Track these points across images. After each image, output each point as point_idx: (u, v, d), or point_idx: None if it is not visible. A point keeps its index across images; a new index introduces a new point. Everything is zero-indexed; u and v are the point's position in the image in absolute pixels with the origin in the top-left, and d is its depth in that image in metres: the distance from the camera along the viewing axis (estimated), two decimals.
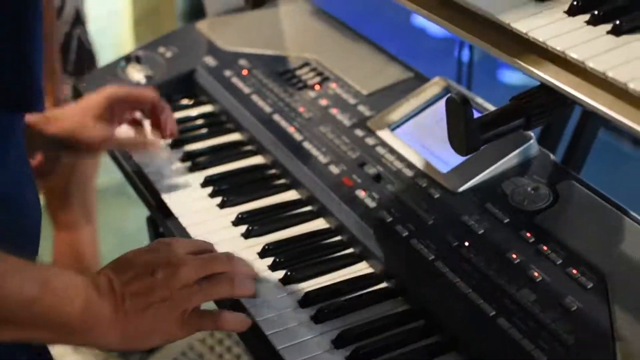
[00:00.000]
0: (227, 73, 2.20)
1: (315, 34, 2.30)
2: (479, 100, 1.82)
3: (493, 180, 1.66)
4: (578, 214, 1.57)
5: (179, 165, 1.95)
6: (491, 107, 1.77)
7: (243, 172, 1.93)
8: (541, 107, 1.31)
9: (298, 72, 2.13)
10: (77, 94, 2.25)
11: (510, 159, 1.67)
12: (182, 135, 2.02)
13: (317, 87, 2.05)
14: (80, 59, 3.06)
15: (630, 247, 1.48)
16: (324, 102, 1.99)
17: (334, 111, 1.95)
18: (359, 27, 2.28)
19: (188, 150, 1.98)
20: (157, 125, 1.92)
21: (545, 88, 1.28)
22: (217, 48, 2.30)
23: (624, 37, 1.24)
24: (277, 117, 1.99)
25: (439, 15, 1.43)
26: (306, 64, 2.15)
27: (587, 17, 1.29)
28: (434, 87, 1.91)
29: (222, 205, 1.81)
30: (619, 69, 1.17)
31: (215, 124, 2.11)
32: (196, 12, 2.57)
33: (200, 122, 2.12)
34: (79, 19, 3.07)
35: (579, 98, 1.22)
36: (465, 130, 1.24)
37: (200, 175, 1.90)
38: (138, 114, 1.96)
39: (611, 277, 1.42)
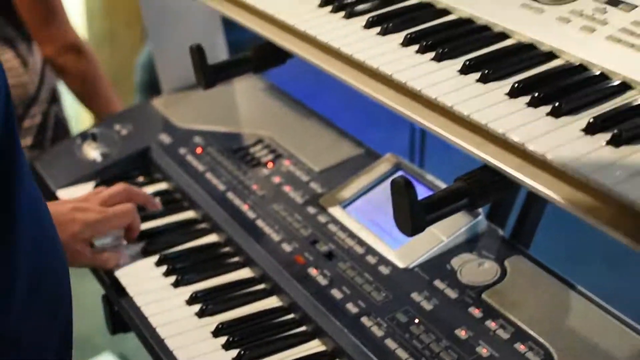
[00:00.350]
0: (182, 151, 2.22)
1: (268, 110, 2.33)
2: (429, 177, 1.85)
3: (442, 256, 1.69)
4: (526, 289, 1.60)
5: (133, 244, 1.96)
6: (442, 184, 1.81)
7: (197, 250, 1.94)
8: (485, 187, 1.33)
9: (252, 150, 2.15)
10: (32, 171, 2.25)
11: (458, 236, 1.71)
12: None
13: (270, 164, 2.08)
14: (56, 135, 3.08)
15: (577, 322, 1.51)
16: (277, 179, 2.02)
17: (286, 189, 1.98)
18: (313, 101, 2.31)
19: (143, 229, 1.99)
20: None
21: (488, 169, 1.32)
22: (172, 125, 2.33)
23: (563, 119, 1.28)
24: (230, 195, 2.01)
25: (383, 94, 1.47)
26: (260, 141, 2.18)
27: (528, 98, 1.33)
28: (384, 164, 1.94)
29: (176, 284, 1.83)
30: (558, 151, 1.21)
31: (170, 201, 2.12)
32: (154, 84, 2.59)
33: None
34: (54, 97, 3.10)
35: (519, 179, 1.25)
36: (410, 212, 1.27)
37: (155, 254, 1.92)
38: None
39: (559, 352, 1.44)
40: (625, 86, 1.35)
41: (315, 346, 1.65)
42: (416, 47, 1.51)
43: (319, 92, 1.60)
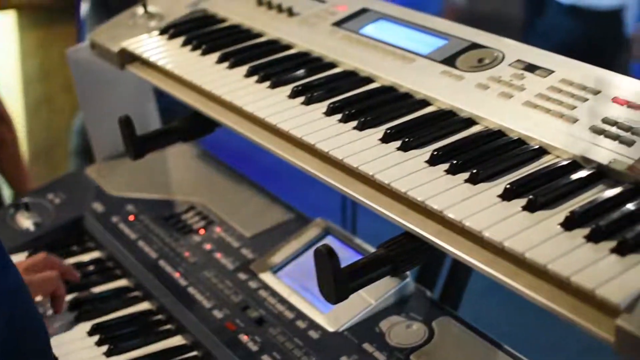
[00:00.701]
0: (115, 219, 2.23)
1: (200, 177, 2.35)
2: (358, 241, 1.88)
3: (371, 319, 1.71)
4: (453, 350, 1.62)
5: (66, 312, 1.95)
6: (370, 248, 1.83)
7: (130, 318, 1.94)
8: (407, 253, 1.36)
9: (184, 217, 2.17)
10: None
11: (387, 298, 1.73)
12: (71, 283, 2.03)
13: (201, 231, 2.09)
14: None
15: None
16: (208, 246, 2.04)
17: (218, 255, 1.99)
18: (249, 162, 2.34)
19: (76, 298, 1.99)
20: None
21: (409, 235, 1.34)
22: (105, 193, 2.33)
23: (481, 185, 1.31)
24: (162, 263, 2.02)
25: (307, 163, 1.50)
26: (192, 208, 2.20)
27: (447, 165, 1.36)
28: (314, 228, 1.97)
29: (109, 353, 1.82)
30: (476, 218, 1.24)
31: (103, 270, 2.13)
32: (89, 149, 2.60)
33: (88, 268, 2.14)
34: None
35: (439, 245, 1.28)
36: (334, 281, 1.29)
37: (87, 323, 1.91)
38: None
39: None
40: (542, 151, 1.39)
41: None
42: (339, 116, 1.55)
43: (255, 153, 1.62)
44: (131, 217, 2.22)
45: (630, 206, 1.21)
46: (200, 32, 2.05)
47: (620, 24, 5.26)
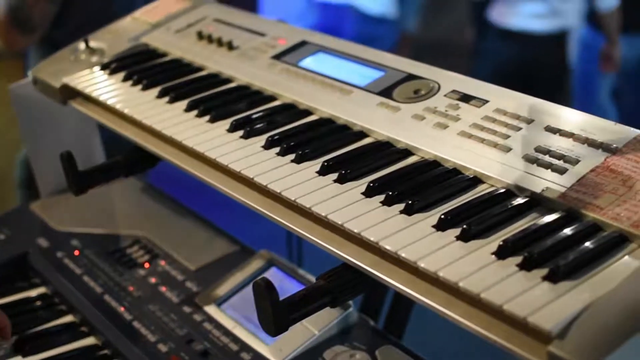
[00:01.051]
0: (60, 254, 2.22)
1: (145, 210, 2.35)
2: (301, 272, 1.89)
3: (315, 349, 1.72)
4: None
5: (12, 349, 1.94)
6: (314, 279, 1.84)
7: (76, 354, 1.93)
8: (346, 284, 1.38)
9: (128, 251, 2.17)
10: None
11: (330, 328, 1.74)
12: (17, 319, 2.03)
13: (146, 264, 2.10)
14: None
15: None
16: (153, 280, 2.04)
17: (162, 289, 2.00)
18: (195, 194, 2.34)
19: (21, 335, 1.98)
20: None
21: (347, 266, 1.36)
22: (50, 229, 2.33)
23: (416, 216, 1.33)
24: (107, 298, 2.02)
25: (246, 197, 1.52)
26: (136, 242, 2.20)
27: (382, 197, 1.38)
28: (258, 260, 1.98)
29: None
30: (411, 248, 1.26)
31: (49, 306, 2.12)
32: (34, 181, 2.59)
33: (34, 304, 2.13)
34: None
35: (377, 275, 1.30)
36: (273, 313, 1.30)
37: (33, 358, 1.91)
38: None
39: None
40: (476, 180, 1.42)
41: None
42: (277, 149, 1.57)
43: (201, 185, 1.63)
44: (76, 252, 2.21)
45: (562, 234, 1.24)
46: (141, 66, 2.07)
47: (560, 49, 5.34)
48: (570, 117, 1.48)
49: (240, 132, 1.65)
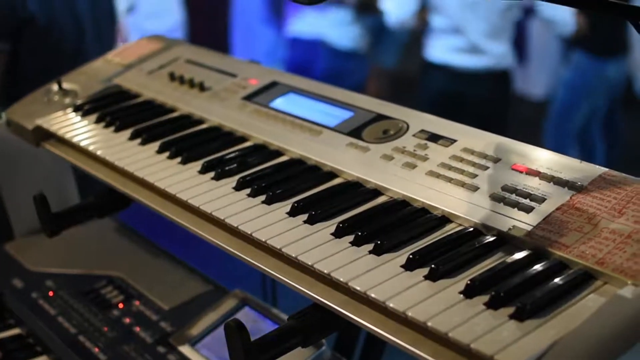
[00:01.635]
0: (34, 295, 2.22)
1: (119, 250, 2.36)
2: (275, 311, 1.90)
3: None
4: None
5: None
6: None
7: None
8: (316, 324, 1.39)
9: (103, 291, 2.17)
10: None
11: None
12: None
13: (120, 305, 2.10)
14: None
15: None
16: (127, 320, 2.04)
17: (137, 329, 2.00)
18: (172, 232, 2.35)
19: None
20: None
21: (318, 306, 1.37)
22: (25, 270, 2.33)
23: (385, 256, 1.35)
24: (82, 338, 2.02)
25: (217, 237, 1.53)
26: (111, 282, 2.20)
27: (352, 237, 1.40)
28: (231, 300, 1.99)
29: None
30: (380, 288, 1.27)
31: (24, 347, 2.12)
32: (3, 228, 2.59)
33: (9, 346, 2.13)
34: None
35: (346, 315, 1.31)
36: (244, 354, 1.31)
37: None
38: None
39: None
40: (445, 220, 1.44)
41: None
42: (248, 190, 1.58)
43: (172, 229, 1.65)
44: (51, 293, 2.21)
45: (528, 272, 1.26)
46: (113, 108, 2.08)
47: (501, 85, 5.40)
48: (537, 156, 1.50)
49: (212, 174, 1.67)
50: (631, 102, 7.55)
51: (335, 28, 5.65)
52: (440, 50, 5.31)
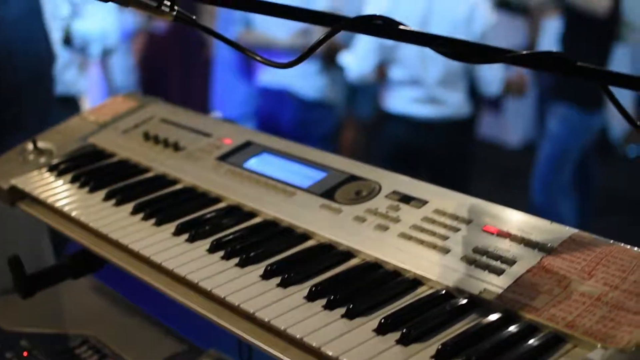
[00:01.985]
0: (8, 355, 2.21)
1: (94, 309, 2.35)
2: None
3: None
4: None
5: None
6: None
7: None
8: None
9: (77, 351, 2.16)
10: None
11: None
12: None
13: None
14: None
15: None
16: None
17: None
18: (144, 295, 2.34)
19: None
20: None
21: None
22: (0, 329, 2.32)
23: (357, 320, 1.36)
24: None
25: (191, 301, 1.54)
26: (85, 342, 2.19)
27: (324, 301, 1.41)
28: None
29: None
30: (353, 353, 1.28)
31: None
32: None
33: None
34: None
35: None
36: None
37: None
38: None
39: None
40: (417, 282, 1.45)
41: None
42: (222, 252, 1.59)
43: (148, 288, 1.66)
44: (25, 353, 2.20)
45: (499, 336, 1.27)
46: (88, 168, 2.08)
47: (460, 134, 5.45)
48: (508, 217, 1.52)
49: (186, 236, 1.68)
50: (606, 149, 7.64)
51: (301, 78, 5.67)
52: (400, 100, 5.35)
